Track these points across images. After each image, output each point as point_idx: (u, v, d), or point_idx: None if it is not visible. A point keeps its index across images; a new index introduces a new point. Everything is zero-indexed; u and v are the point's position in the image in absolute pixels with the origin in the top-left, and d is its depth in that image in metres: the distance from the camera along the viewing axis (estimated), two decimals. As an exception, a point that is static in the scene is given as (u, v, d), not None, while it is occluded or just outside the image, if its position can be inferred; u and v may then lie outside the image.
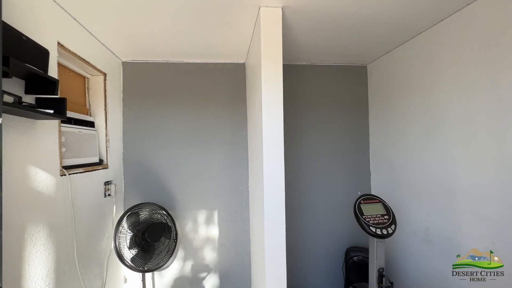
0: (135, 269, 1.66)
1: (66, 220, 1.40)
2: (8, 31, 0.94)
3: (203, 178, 2.33)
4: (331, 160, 2.49)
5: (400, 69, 2.09)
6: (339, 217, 2.45)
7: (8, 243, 1.00)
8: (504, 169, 1.34)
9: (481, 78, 1.44)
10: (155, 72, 2.29)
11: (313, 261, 2.43)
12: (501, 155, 1.34)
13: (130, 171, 2.23)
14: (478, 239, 1.49)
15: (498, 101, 1.35)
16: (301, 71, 2.47)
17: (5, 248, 0.96)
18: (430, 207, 1.82)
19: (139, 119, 2.26)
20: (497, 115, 1.36)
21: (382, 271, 1.50)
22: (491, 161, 1.40)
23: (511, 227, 1.33)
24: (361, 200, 1.61)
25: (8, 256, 1.01)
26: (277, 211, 1.50)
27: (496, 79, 1.36)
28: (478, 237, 1.48)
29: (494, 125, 1.38)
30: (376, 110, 2.44)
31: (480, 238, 1.48)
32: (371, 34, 1.90)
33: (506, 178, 1.33)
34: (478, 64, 1.45)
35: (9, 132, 1.03)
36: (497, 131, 1.36)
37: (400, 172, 2.12)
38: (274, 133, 1.50)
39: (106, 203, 1.90)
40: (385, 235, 1.45)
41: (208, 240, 2.33)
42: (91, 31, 1.70)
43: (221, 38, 1.90)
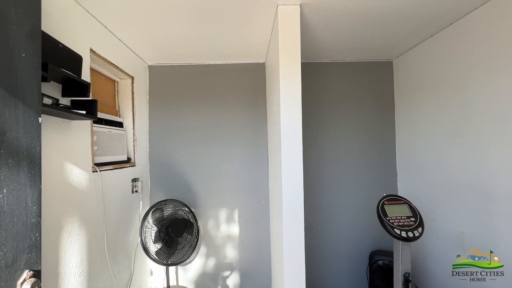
0: (159, 262, 1.74)
1: (97, 213, 1.51)
2: (47, 40, 1.05)
3: (224, 177, 2.38)
4: (354, 160, 2.41)
5: (429, 63, 1.97)
6: (363, 219, 2.36)
7: (46, 231, 1.10)
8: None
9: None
10: (178, 75, 2.38)
11: (336, 263, 2.36)
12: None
13: (155, 169, 2.35)
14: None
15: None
16: (322, 69, 2.42)
17: (44, 235, 1.06)
18: (464, 211, 1.69)
19: (164, 120, 2.37)
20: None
21: (408, 276, 1.43)
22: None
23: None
24: (384, 201, 1.54)
25: (47, 243, 1.11)
26: (295, 210, 1.49)
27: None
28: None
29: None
30: (402, 107, 2.32)
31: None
32: (397, 27, 1.81)
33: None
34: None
35: (48, 131, 1.14)
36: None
37: (429, 172, 1.99)
38: (293, 131, 1.49)
39: (133, 199, 2.01)
40: (411, 238, 1.37)
41: (229, 238, 2.37)
42: (119, 38, 1.82)
43: (240, 39, 1.92)
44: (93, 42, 1.52)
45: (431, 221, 1.95)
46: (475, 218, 1.60)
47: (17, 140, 0.78)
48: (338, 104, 2.42)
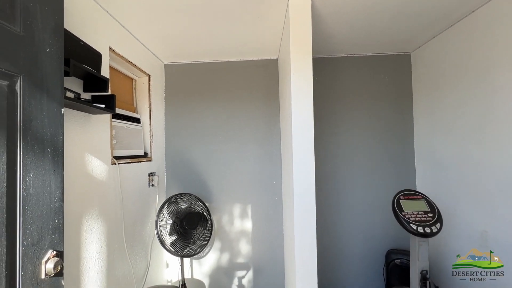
0: (174, 253, 1.79)
1: (115, 204, 1.59)
2: (69, 37, 1.11)
3: (238, 173, 2.40)
4: (370, 157, 2.35)
5: (449, 54, 1.88)
6: (379, 217, 2.30)
7: (68, 217, 1.17)
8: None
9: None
10: (193, 73, 2.44)
11: (351, 262, 2.31)
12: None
13: (171, 164, 2.42)
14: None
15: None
16: (336, 64, 2.39)
17: (66, 220, 1.13)
18: (488, 208, 1.60)
19: (179, 117, 2.43)
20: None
21: (426, 274, 1.37)
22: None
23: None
24: (400, 196, 1.49)
25: (69, 228, 1.18)
26: (307, 204, 1.48)
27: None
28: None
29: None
30: (421, 102, 2.23)
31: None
32: (415, 18, 1.75)
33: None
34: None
35: (70, 124, 1.22)
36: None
37: (450, 168, 1.90)
38: (304, 124, 1.48)
39: (150, 192, 2.09)
40: (428, 233, 1.32)
41: (243, 233, 2.39)
42: (137, 37, 1.90)
43: (253, 35, 1.94)
44: (112, 41, 1.60)
45: (452, 219, 1.86)
46: (500, 216, 1.52)
47: (42, 129, 0.83)
48: (353, 100, 2.37)
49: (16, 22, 0.76)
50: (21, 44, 0.77)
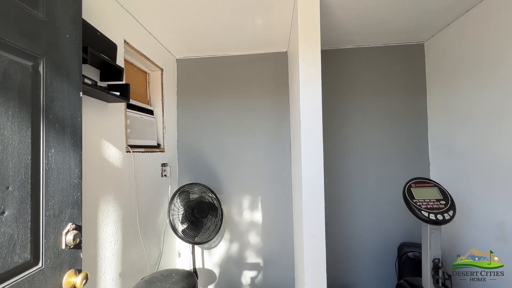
0: (186, 240, 1.84)
1: (130, 190, 1.65)
2: (86, 27, 1.18)
3: (248, 165, 2.43)
4: (382, 149, 2.31)
5: (464, 42, 1.83)
6: (391, 210, 2.26)
7: (86, 198, 1.24)
8: None
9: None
10: (204, 67, 2.49)
11: (362, 255, 2.29)
12: None
13: (183, 155, 2.48)
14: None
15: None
16: (346, 55, 2.37)
17: (84, 201, 1.19)
18: (506, 199, 1.54)
19: (191, 109, 2.49)
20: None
21: (438, 262, 1.34)
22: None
23: None
24: (411, 183, 1.47)
25: (87, 209, 1.25)
26: (316, 193, 1.48)
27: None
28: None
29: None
30: (436, 92, 2.17)
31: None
32: (428, 5, 1.71)
33: None
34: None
35: (88, 110, 1.29)
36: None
37: (466, 159, 1.84)
38: (312, 113, 1.48)
39: (162, 182, 2.15)
40: (440, 221, 1.29)
41: (252, 224, 2.42)
42: (150, 31, 1.96)
43: (262, 28, 1.96)
44: (127, 34, 1.66)
45: (468, 211, 1.80)
46: (518, 205, 1.46)
47: (62, 109, 0.89)
48: (364, 91, 2.34)
49: (39, 8, 0.82)
50: (44, 28, 0.83)
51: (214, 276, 2.43)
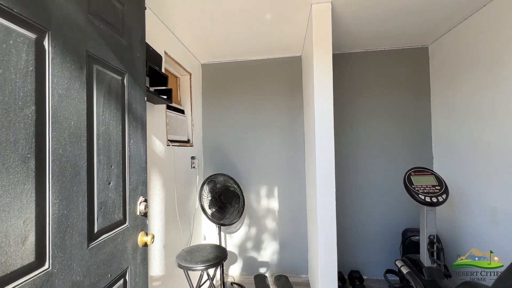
0: (214, 221, 2.14)
1: (170, 178, 1.96)
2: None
3: (265, 158, 2.71)
4: (389, 144, 2.53)
5: (464, 45, 2.03)
6: (397, 199, 2.48)
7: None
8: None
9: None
10: (226, 71, 2.78)
11: (370, 239, 2.53)
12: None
13: (208, 150, 2.78)
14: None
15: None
16: (356, 59, 2.60)
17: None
18: (498, 186, 1.75)
19: (214, 109, 2.79)
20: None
21: (433, 238, 1.58)
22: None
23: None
24: (411, 172, 1.70)
25: (143, 190, 1.55)
26: (327, 181, 1.73)
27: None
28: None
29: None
30: (439, 93, 2.37)
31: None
32: (432, 11, 1.90)
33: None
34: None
35: (143, 111, 1.59)
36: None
37: (464, 152, 2.05)
38: (325, 112, 1.74)
39: (192, 173, 2.46)
40: (434, 202, 1.53)
41: (269, 211, 2.70)
42: (182, 41, 2.26)
43: (279, 36, 2.22)
44: (166, 45, 1.97)
45: (465, 199, 2.01)
46: (508, 192, 1.66)
47: (136, 110, 1.19)
48: (373, 91, 2.57)
49: (123, 36, 1.12)
50: (126, 51, 1.13)
51: (235, 257, 2.73)
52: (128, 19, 1.14)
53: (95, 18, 0.91)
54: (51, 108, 0.71)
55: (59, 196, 0.73)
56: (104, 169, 0.95)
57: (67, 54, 0.77)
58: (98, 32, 0.93)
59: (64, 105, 0.75)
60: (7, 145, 0.59)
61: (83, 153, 0.83)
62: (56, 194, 0.72)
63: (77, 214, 0.80)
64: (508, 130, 1.64)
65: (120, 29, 1.09)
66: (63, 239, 0.74)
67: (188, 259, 1.66)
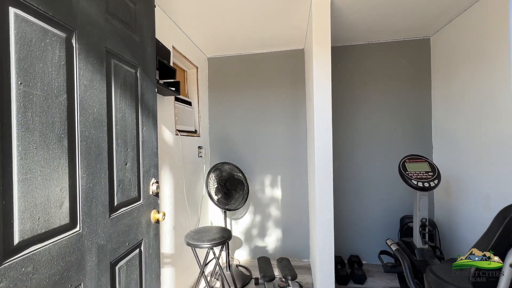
0: (220, 206, 2.28)
1: (179, 165, 2.10)
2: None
3: (269, 149, 2.82)
4: (390, 134, 2.60)
5: (464, 36, 2.06)
6: (395, 188, 2.56)
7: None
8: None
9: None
10: (231, 64, 2.88)
11: (370, 226, 2.63)
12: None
13: (214, 140, 2.91)
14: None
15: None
16: (357, 51, 2.65)
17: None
18: (491, 173, 1.81)
19: (220, 101, 2.90)
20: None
21: (425, 222, 1.67)
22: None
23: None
24: (406, 159, 1.78)
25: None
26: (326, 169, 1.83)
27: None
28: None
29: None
30: (439, 84, 2.42)
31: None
32: (433, 2, 1.92)
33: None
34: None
35: (153, 102, 1.72)
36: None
37: (461, 141, 2.11)
38: (323, 101, 1.82)
39: (199, 162, 2.60)
40: (426, 187, 1.61)
41: (273, 199, 2.82)
42: (189, 36, 2.37)
43: (282, 29, 2.30)
44: (174, 40, 2.08)
45: (461, 186, 2.08)
46: (501, 179, 1.73)
47: (148, 100, 1.32)
48: (374, 83, 2.62)
49: (136, 32, 1.24)
50: (139, 46, 1.25)
51: (240, 242, 2.88)
52: (139, 17, 1.26)
53: (112, 18, 1.03)
54: (79, 97, 0.84)
55: (86, 171, 0.87)
56: (122, 151, 1.08)
57: (90, 50, 0.89)
58: (115, 30, 1.05)
59: (88, 94, 0.88)
60: (47, 126, 0.72)
61: (104, 136, 0.96)
62: (83, 169, 0.85)
63: (101, 188, 0.94)
64: (502, 119, 1.69)
65: (133, 26, 1.21)
66: (90, 208, 0.88)
67: (196, 238, 1.81)
